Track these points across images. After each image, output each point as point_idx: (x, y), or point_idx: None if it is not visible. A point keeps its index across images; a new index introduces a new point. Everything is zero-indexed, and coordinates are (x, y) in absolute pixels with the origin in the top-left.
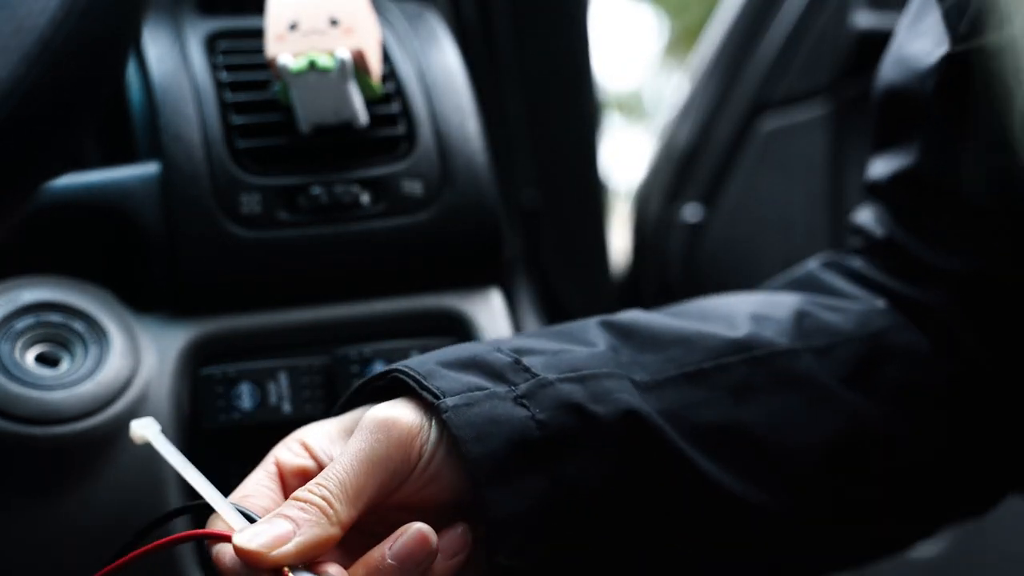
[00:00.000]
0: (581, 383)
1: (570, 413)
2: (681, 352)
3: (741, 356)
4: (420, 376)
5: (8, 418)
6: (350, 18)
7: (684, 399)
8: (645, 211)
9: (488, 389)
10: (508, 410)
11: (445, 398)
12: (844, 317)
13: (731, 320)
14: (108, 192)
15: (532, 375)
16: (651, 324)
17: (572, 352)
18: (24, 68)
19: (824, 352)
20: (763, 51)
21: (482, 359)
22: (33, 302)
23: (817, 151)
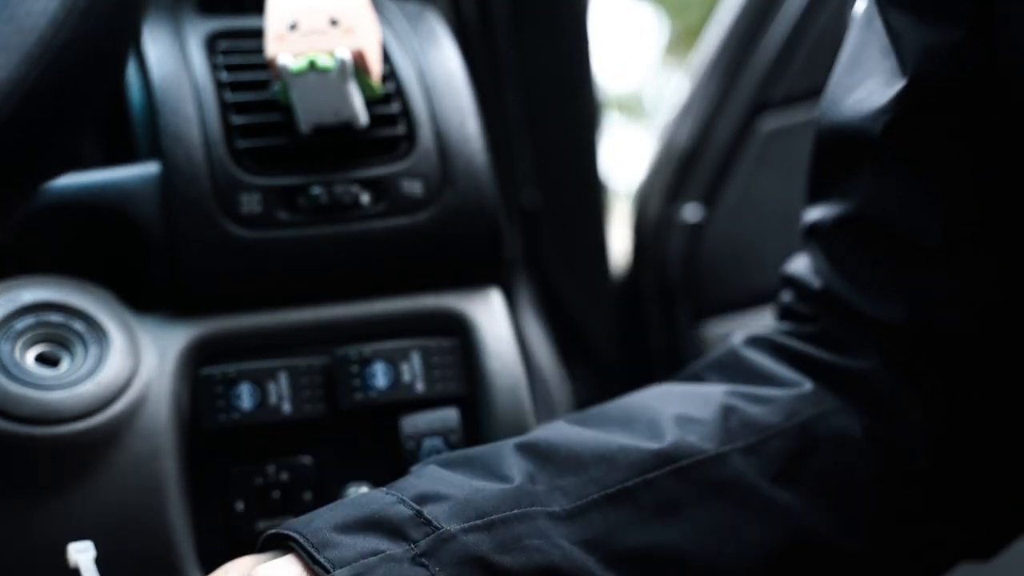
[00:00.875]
0: (488, 531)
1: (475, 568)
2: (603, 471)
3: (666, 469)
4: (313, 547)
5: (8, 418)
6: (350, 18)
7: (607, 525)
8: (645, 211)
9: (383, 552)
10: (404, 573)
11: (335, 569)
12: (771, 409)
13: (655, 426)
14: (108, 192)
15: (433, 528)
16: (570, 441)
17: (482, 492)
18: (24, 69)
19: (751, 450)
20: (763, 51)
21: (382, 516)
22: (33, 302)
23: None
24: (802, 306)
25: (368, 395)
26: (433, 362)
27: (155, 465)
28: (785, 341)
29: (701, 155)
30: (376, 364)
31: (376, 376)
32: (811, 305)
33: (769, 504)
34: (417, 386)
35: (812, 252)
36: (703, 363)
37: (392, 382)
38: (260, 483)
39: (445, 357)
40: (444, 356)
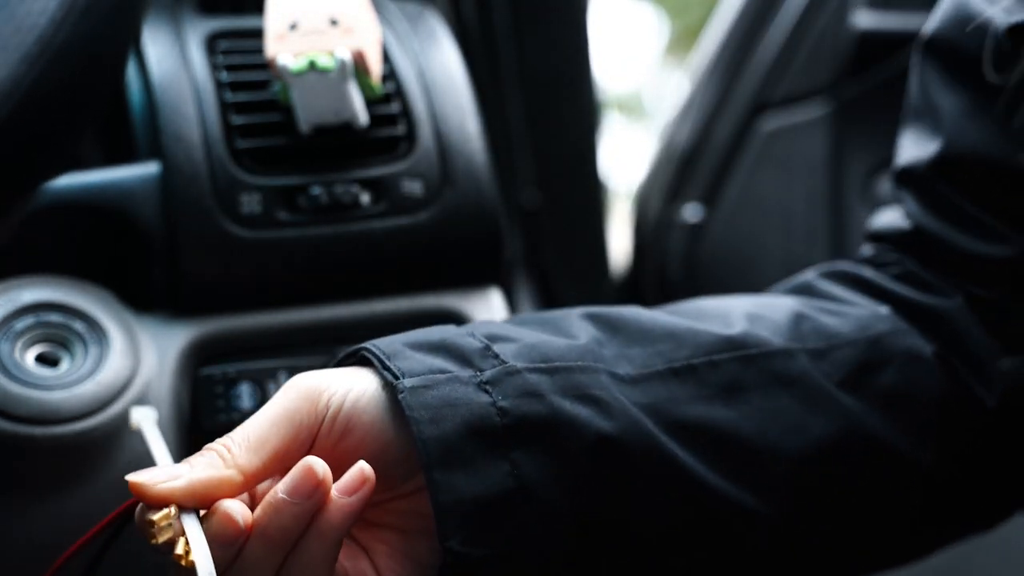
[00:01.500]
0: (550, 375)
1: (535, 402)
2: (670, 347)
3: (733, 354)
4: (384, 355)
5: (8, 418)
6: (350, 18)
7: (670, 394)
8: (645, 211)
9: (451, 373)
10: (468, 394)
11: (404, 379)
12: (843, 320)
13: (726, 318)
14: (108, 192)
15: (500, 362)
16: (640, 318)
17: (549, 343)
18: (24, 68)
19: (820, 354)
20: (763, 51)
21: (452, 343)
22: (33, 302)
23: (817, 151)
24: (884, 253)
25: None
26: None
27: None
28: (863, 273)
29: (701, 155)
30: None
31: None
32: (896, 249)
33: (832, 404)
34: None
35: (904, 197)
36: (775, 289)
37: None
38: None
39: None
40: None
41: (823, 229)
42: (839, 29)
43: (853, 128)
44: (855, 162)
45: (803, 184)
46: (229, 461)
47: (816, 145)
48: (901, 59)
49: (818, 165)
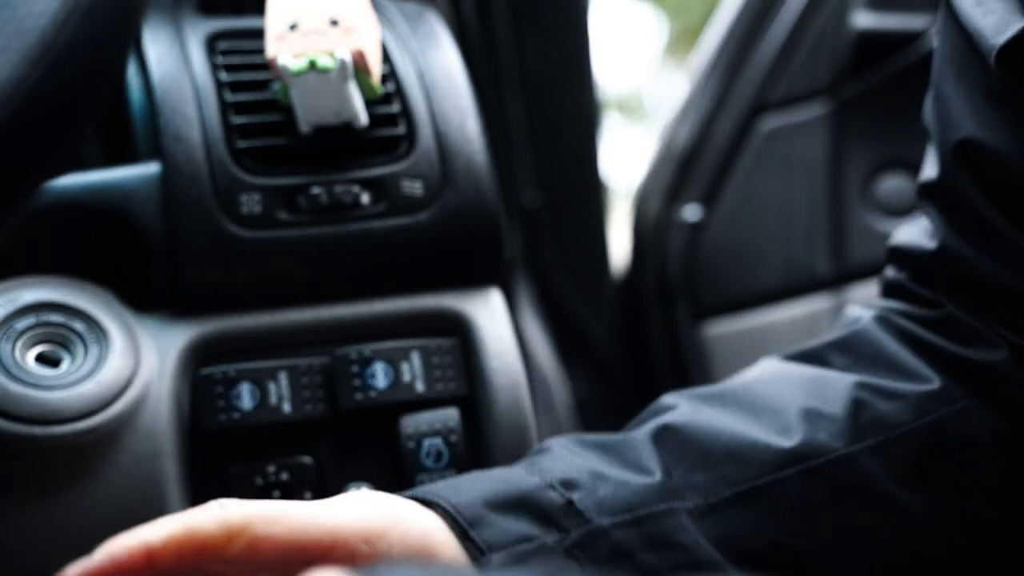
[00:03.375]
0: (637, 527)
1: (623, 564)
2: (734, 469)
3: (796, 468)
4: (466, 523)
5: (8, 418)
6: (350, 18)
7: (739, 523)
8: (645, 211)
9: (537, 539)
10: (557, 564)
11: (491, 552)
12: (901, 405)
13: (782, 418)
14: (109, 192)
15: (585, 520)
16: (700, 434)
17: (627, 486)
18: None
19: (880, 450)
20: (763, 51)
21: (532, 500)
22: (33, 302)
23: (817, 151)
24: (916, 284)
25: (368, 395)
26: (433, 362)
27: (155, 465)
28: (911, 328)
29: (701, 155)
30: (376, 364)
31: (376, 376)
32: (926, 276)
33: (896, 506)
34: (417, 386)
35: (927, 212)
36: (827, 342)
37: (392, 382)
38: (260, 483)
39: (445, 357)
40: (444, 356)
41: (823, 229)
42: (839, 29)
43: (853, 128)
44: (855, 162)
45: (803, 184)
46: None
47: (816, 145)
48: (900, 59)
49: (818, 165)
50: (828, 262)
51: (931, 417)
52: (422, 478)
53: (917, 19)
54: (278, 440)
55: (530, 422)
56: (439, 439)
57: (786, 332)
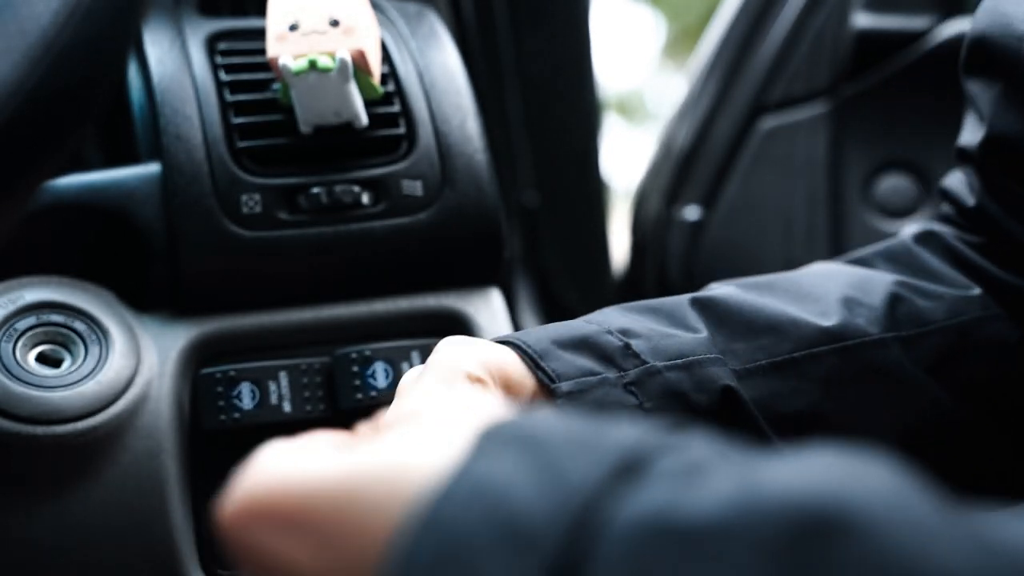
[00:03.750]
0: (687, 371)
1: (675, 402)
2: (772, 341)
3: (832, 346)
4: (537, 355)
5: (9, 418)
6: (350, 18)
7: (773, 389)
8: (645, 211)
9: (600, 375)
10: (618, 397)
11: (560, 382)
12: (937, 305)
13: (823, 303)
14: (109, 192)
15: (641, 362)
16: (743, 307)
17: (678, 338)
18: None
19: (912, 341)
20: (763, 51)
21: (594, 341)
22: (34, 302)
23: (816, 151)
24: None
25: (368, 395)
26: None
27: (156, 464)
28: (956, 245)
29: (700, 155)
30: (376, 364)
31: (376, 376)
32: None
33: (923, 391)
34: None
35: (965, 172)
36: (873, 250)
37: (392, 382)
38: None
39: None
40: None
41: (822, 229)
42: (838, 30)
43: (852, 128)
44: (854, 162)
45: (802, 184)
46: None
47: (815, 145)
48: (900, 59)
49: (817, 165)
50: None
51: (963, 318)
52: None
53: (917, 19)
54: (278, 440)
55: None
56: None
57: None
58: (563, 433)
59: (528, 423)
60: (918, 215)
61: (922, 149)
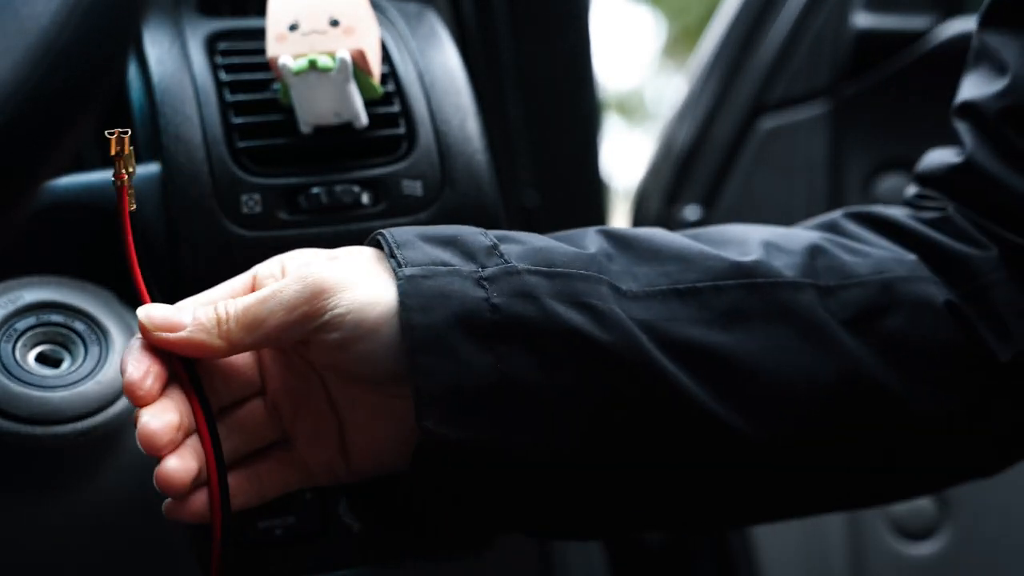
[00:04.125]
0: (550, 278)
1: (528, 303)
2: (678, 268)
3: (740, 281)
4: (394, 244)
5: (9, 418)
6: (350, 18)
7: (670, 313)
8: (645, 211)
9: (453, 267)
10: (464, 287)
11: (406, 267)
12: (861, 260)
13: (743, 245)
14: (109, 192)
15: (504, 261)
16: (654, 238)
17: (555, 249)
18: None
19: (830, 292)
20: (763, 51)
21: (463, 239)
22: (34, 302)
23: (816, 151)
24: (926, 196)
25: None
26: None
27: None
28: (895, 216)
29: (700, 155)
30: None
31: None
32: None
33: (834, 343)
34: None
35: (962, 130)
36: (802, 224)
37: None
38: None
39: None
40: None
41: None
42: (838, 29)
43: (852, 128)
44: (854, 162)
45: (802, 184)
46: (224, 333)
47: (815, 145)
48: (900, 59)
49: (817, 165)
50: None
51: (888, 275)
52: None
53: (917, 19)
54: None
55: None
56: None
57: None
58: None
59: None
60: None
61: (922, 149)
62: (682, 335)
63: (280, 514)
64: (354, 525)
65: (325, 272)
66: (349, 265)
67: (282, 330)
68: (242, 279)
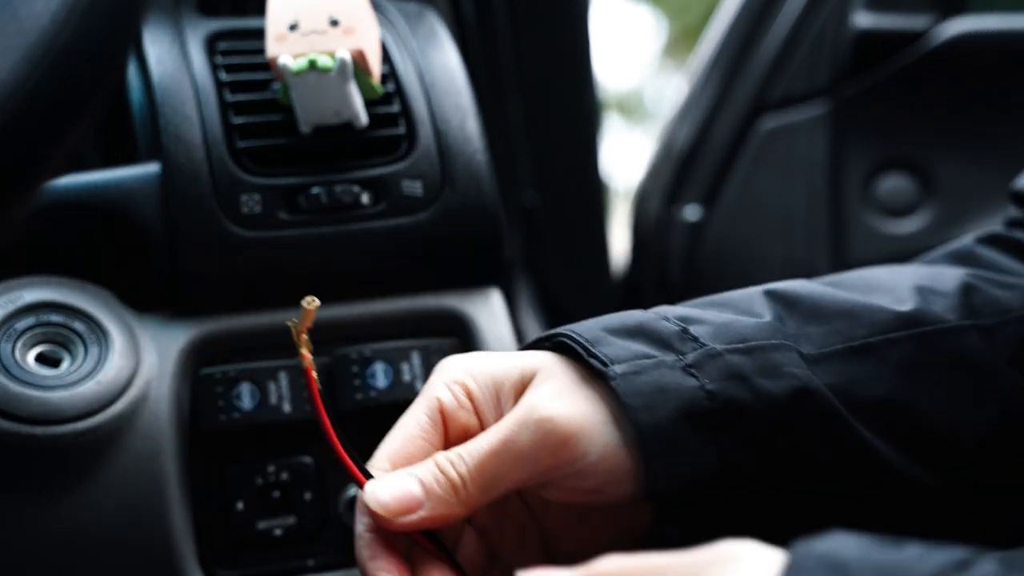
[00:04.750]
0: (749, 355)
1: (739, 385)
2: (847, 325)
3: (909, 331)
4: (587, 342)
5: (9, 418)
6: (350, 18)
7: (851, 374)
8: (644, 211)
9: (656, 357)
10: (677, 379)
11: (613, 365)
12: (1012, 293)
13: (896, 293)
14: (109, 192)
15: (700, 344)
16: (814, 295)
17: (739, 322)
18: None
19: (991, 330)
20: (763, 51)
21: (649, 327)
22: (34, 302)
23: (816, 151)
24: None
25: (368, 395)
26: (433, 362)
27: (156, 464)
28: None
29: (700, 155)
30: (376, 364)
31: (376, 376)
32: None
33: (1002, 382)
34: (417, 386)
35: None
36: (934, 254)
37: (392, 382)
38: (260, 483)
39: (445, 357)
40: (444, 356)
41: (823, 229)
42: (838, 29)
43: (852, 128)
44: (854, 162)
45: (803, 184)
46: (464, 499)
47: (815, 145)
48: (900, 59)
49: (817, 165)
50: (828, 262)
51: None
52: None
53: (917, 19)
54: (278, 440)
55: None
56: None
57: None
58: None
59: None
60: (918, 215)
61: (922, 149)
62: (869, 395)
63: (280, 514)
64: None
65: (555, 413)
66: (559, 389)
67: (522, 483)
68: (427, 408)
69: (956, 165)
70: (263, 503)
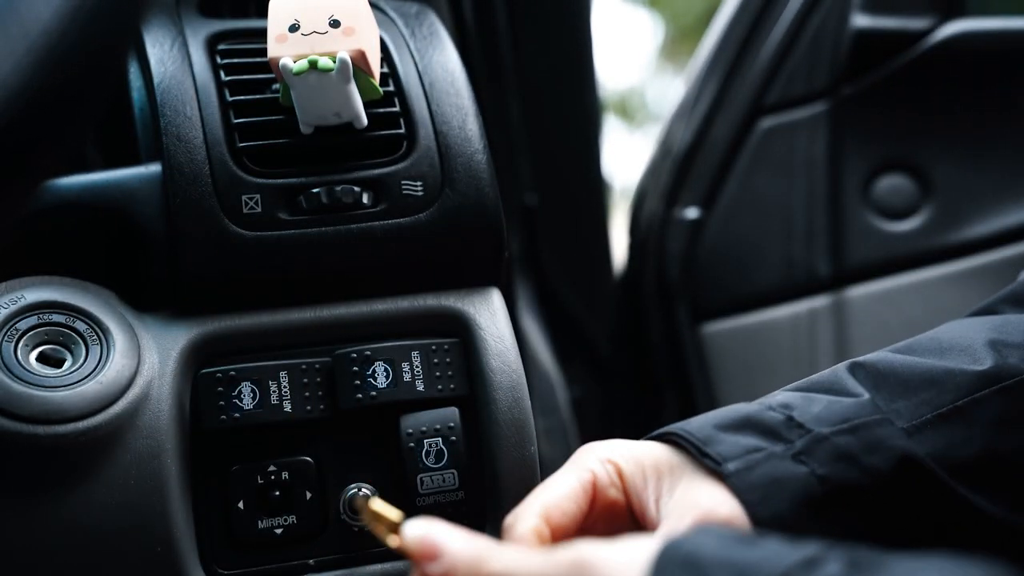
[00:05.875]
0: (854, 434)
1: (848, 466)
2: (932, 394)
3: (991, 389)
4: (700, 442)
5: (10, 417)
6: (350, 19)
7: (946, 439)
8: (644, 211)
9: (766, 449)
10: (788, 469)
11: (726, 463)
12: None
13: (971, 352)
14: (110, 192)
15: (806, 431)
16: (895, 366)
17: (839, 403)
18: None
19: None
20: (762, 52)
21: (755, 419)
22: (36, 302)
23: (816, 151)
24: None
25: (368, 395)
26: (433, 362)
27: (156, 464)
28: None
29: (699, 155)
30: (376, 364)
31: (376, 376)
32: None
33: None
34: (417, 386)
35: None
36: (995, 298)
37: (392, 382)
38: (260, 482)
39: (445, 357)
40: (444, 356)
41: (821, 229)
42: (837, 30)
43: (851, 128)
44: (853, 162)
45: (802, 184)
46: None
47: (815, 145)
48: (899, 59)
49: (817, 165)
50: (827, 262)
51: None
52: (422, 478)
53: (917, 19)
54: (278, 440)
55: (530, 421)
56: (439, 439)
57: (785, 332)
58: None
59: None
60: (917, 215)
61: (921, 149)
62: (966, 456)
63: (280, 513)
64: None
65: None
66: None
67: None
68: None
69: (954, 165)
70: (263, 502)
